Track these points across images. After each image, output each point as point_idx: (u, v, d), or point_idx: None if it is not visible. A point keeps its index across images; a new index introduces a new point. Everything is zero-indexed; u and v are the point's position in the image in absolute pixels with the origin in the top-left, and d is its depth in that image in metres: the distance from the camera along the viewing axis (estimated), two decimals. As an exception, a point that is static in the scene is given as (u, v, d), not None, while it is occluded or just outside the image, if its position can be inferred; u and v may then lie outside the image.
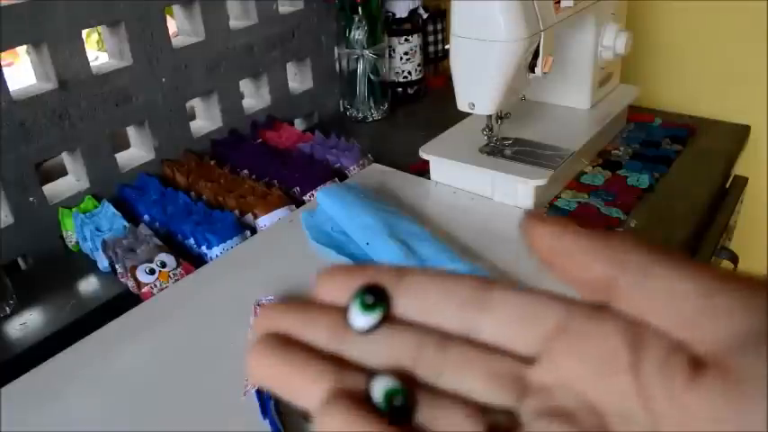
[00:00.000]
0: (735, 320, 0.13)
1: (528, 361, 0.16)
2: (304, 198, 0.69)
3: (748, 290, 0.13)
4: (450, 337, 0.16)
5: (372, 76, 0.89)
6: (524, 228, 0.16)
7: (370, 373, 0.16)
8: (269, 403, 0.43)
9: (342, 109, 0.95)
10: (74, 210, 0.65)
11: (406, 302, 0.16)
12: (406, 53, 0.92)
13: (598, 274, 0.15)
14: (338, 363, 0.16)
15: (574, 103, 0.76)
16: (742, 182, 0.81)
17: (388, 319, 0.16)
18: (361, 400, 0.15)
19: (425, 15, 0.94)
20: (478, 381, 0.16)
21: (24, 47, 0.62)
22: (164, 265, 0.58)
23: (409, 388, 0.15)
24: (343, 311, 0.16)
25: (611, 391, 0.14)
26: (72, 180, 0.69)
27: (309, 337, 0.16)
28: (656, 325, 0.14)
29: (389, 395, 0.15)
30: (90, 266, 0.62)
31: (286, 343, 0.16)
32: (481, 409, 0.15)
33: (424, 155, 0.69)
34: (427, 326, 0.16)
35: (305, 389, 0.16)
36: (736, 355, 0.13)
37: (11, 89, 0.60)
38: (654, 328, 0.14)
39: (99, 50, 0.94)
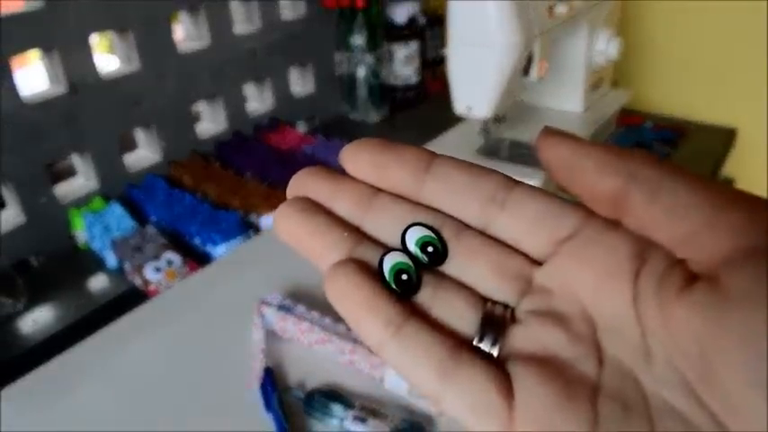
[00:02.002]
0: (736, 237, 0.12)
1: (536, 262, 0.16)
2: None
3: (754, 208, 0.13)
4: (467, 227, 0.16)
5: (372, 80, 0.91)
6: (540, 142, 0.15)
7: (385, 249, 0.16)
8: (272, 398, 0.43)
9: (343, 112, 0.96)
10: (83, 210, 0.66)
11: (433, 187, 0.16)
12: (405, 58, 0.94)
13: (610, 187, 0.14)
14: (357, 234, 0.16)
15: (567, 107, 0.77)
16: (730, 184, 0.82)
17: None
18: (368, 269, 0.16)
19: (424, 21, 0.95)
20: (484, 272, 0.16)
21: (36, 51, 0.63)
22: (170, 263, 0.60)
23: (417, 267, 0.16)
24: (371, 189, 0.17)
25: (608, 302, 0.14)
26: (81, 181, 0.70)
27: (335, 206, 0.17)
28: (661, 240, 0.14)
29: (397, 271, 0.16)
30: (99, 265, 0.63)
31: (312, 207, 0.17)
32: (482, 300, 0.16)
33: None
34: (447, 213, 0.16)
35: (322, 253, 0.16)
36: (729, 270, 0.12)
37: (25, 91, 0.61)
38: (660, 245, 0.14)
39: (112, 54, 0.95)
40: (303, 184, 0.17)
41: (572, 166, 0.15)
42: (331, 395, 0.44)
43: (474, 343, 0.15)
